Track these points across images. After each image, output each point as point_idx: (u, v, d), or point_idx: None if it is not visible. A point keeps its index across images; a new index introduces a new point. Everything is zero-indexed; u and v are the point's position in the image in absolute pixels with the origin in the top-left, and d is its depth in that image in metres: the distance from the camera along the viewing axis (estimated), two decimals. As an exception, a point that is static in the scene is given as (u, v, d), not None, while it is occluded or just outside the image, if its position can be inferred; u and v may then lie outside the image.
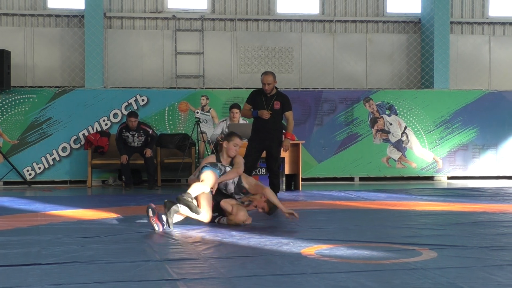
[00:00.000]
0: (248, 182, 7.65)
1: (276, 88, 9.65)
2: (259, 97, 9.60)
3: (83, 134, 13.00)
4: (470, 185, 12.73)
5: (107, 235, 6.77)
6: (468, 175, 14.06)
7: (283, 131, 9.90)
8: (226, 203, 7.50)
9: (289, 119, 9.72)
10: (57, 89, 13.20)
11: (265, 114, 9.43)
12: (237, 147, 7.85)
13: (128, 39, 14.35)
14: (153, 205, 7.17)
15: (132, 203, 9.77)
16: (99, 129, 13.05)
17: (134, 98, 13.23)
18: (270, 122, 9.50)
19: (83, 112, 13.07)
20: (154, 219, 7.04)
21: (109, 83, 14.08)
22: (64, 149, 13.02)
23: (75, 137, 13.03)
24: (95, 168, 12.90)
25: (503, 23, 15.59)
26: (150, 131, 12.27)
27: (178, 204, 7.16)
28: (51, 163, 13.00)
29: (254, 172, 9.87)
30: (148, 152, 12.15)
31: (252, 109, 9.67)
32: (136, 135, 12.22)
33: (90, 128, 13.06)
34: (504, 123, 14.16)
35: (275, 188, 9.25)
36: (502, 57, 15.48)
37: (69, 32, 14.10)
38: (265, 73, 9.54)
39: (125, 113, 13.01)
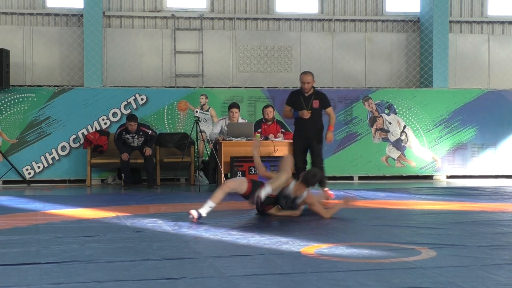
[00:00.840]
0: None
1: (313, 87, 10.01)
2: (298, 97, 9.98)
3: (82, 133, 13.00)
4: (469, 184, 12.74)
5: (106, 234, 6.77)
6: (467, 174, 14.07)
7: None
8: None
9: (330, 114, 10.07)
10: (56, 88, 13.19)
11: (306, 114, 9.82)
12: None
13: (127, 38, 14.34)
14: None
15: (131, 202, 9.76)
16: (98, 128, 13.05)
17: (133, 97, 13.23)
18: (310, 120, 9.88)
19: (82, 111, 13.06)
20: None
21: (108, 82, 14.08)
22: (63, 148, 13.01)
23: (74, 136, 13.03)
24: (95, 167, 12.90)
25: (502, 22, 15.59)
26: (150, 132, 12.27)
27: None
28: (51, 162, 12.99)
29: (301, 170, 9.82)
30: (148, 151, 12.15)
31: (292, 110, 10.07)
32: (136, 136, 12.24)
33: (89, 127, 13.06)
34: (503, 122, 14.17)
35: (323, 183, 9.53)
36: (501, 56, 15.49)
37: (68, 31, 14.09)
38: (304, 73, 9.95)
39: (125, 112, 13.02)
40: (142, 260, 5.44)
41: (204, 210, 7.63)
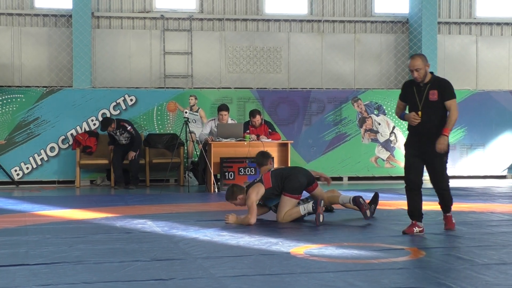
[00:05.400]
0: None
1: (431, 73, 7.15)
2: (411, 88, 7.16)
3: (71, 134, 12.95)
4: (458, 184, 12.76)
5: (95, 235, 6.76)
6: (456, 174, 14.10)
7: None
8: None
9: (450, 109, 7.03)
10: (44, 89, 13.14)
11: (412, 119, 6.97)
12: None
13: (116, 39, 14.31)
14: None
15: (120, 203, 9.75)
16: (87, 129, 13.01)
17: (122, 98, 13.20)
18: (426, 120, 6.97)
19: (71, 112, 13.02)
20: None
21: (97, 83, 14.04)
22: (52, 149, 12.96)
23: (63, 137, 12.97)
24: (83, 168, 12.86)
25: (490, 24, 15.65)
26: (129, 128, 12.33)
27: None
28: (39, 163, 12.94)
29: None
30: (130, 155, 12.22)
31: (405, 107, 7.27)
32: (118, 133, 12.34)
33: (78, 128, 13.02)
34: (492, 123, 14.23)
35: (447, 208, 7.23)
36: (489, 57, 15.55)
37: (56, 31, 14.04)
38: (412, 57, 7.13)
39: (114, 113, 13.00)
40: (131, 261, 5.43)
41: None
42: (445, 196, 7.20)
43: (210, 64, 14.58)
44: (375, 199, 8.15)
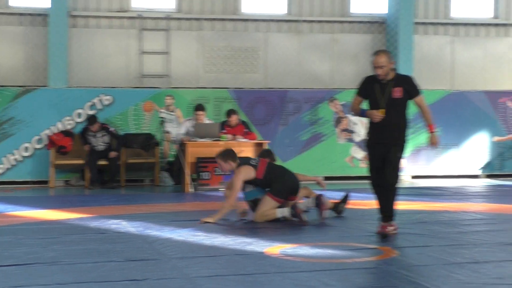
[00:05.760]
0: None
1: (394, 70, 6.98)
2: (372, 84, 6.91)
3: (46, 134, 12.85)
4: (433, 184, 12.87)
5: (69, 236, 6.72)
6: (431, 174, 14.21)
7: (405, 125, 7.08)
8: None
9: (421, 106, 7.02)
10: (20, 88, 13.03)
11: (375, 116, 6.82)
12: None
13: (93, 38, 14.22)
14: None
15: (95, 204, 9.70)
16: (62, 129, 12.92)
17: (98, 98, 13.12)
18: (389, 117, 6.81)
19: (46, 111, 12.92)
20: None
21: (73, 83, 13.94)
22: (26, 149, 12.85)
23: (38, 137, 12.87)
24: (58, 168, 12.77)
25: (466, 24, 15.77)
26: (111, 129, 12.44)
27: None
28: (13, 163, 12.82)
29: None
30: (112, 154, 12.26)
31: (363, 103, 7.12)
32: (99, 134, 12.30)
33: (53, 128, 12.92)
34: (467, 123, 14.34)
35: (389, 212, 6.82)
36: (465, 58, 15.67)
37: (33, 31, 13.92)
38: (376, 53, 6.90)
39: (90, 112, 12.92)
40: (105, 261, 5.41)
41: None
42: (390, 197, 6.80)
43: (188, 64, 14.55)
44: (344, 199, 8.19)
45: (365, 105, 7.10)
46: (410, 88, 6.90)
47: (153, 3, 14.65)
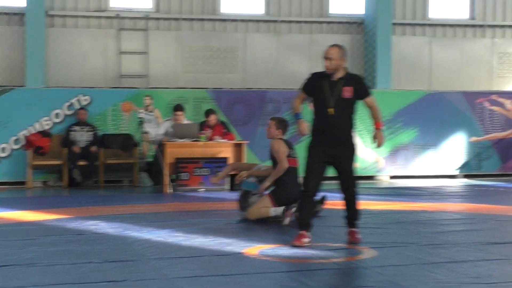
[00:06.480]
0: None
1: (345, 69, 6.45)
2: (321, 81, 6.43)
3: (24, 135, 12.75)
4: (411, 184, 12.94)
5: (47, 237, 6.67)
6: (409, 174, 14.27)
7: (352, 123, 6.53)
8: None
9: (373, 106, 6.55)
10: (-4, 88, 12.93)
11: (302, 131, 6.61)
12: None
13: (71, 38, 14.14)
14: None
15: (73, 205, 9.63)
16: (40, 129, 12.82)
17: (76, 98, 13.03)
18: (338, 119, 6.36)
19: (23, 112, 12.80)
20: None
21: (51, 83, 13.85)
22: (3, 149, 12.73)
23: (15, 137, 12.76)
24: (36, 169, 12.67)
25: (443, 25, 15.89)
26: (95, 127, 12.63)
27: None
28: (-9, 164, 12.72)
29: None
30: (92, 149, 12.35)
31: (307, 101, 6.84)
32: (85, 129, 12.39)
33: (31, 128, 12.82)
34: (444, 123, 14.43)
35: (354, 216, 6.51)
36: (443, 58, 15.79)
37: (9, 30, 13.81)
38: (330, 46, 6.49)
39: (68, 113, 12.84)
40: (83, 263, 5.38)
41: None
42: (354, 204, 6.48)
43: (166, 64, 14.51)
44: (322, 200, 8.21)
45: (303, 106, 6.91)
46: (360, 88, 6.43)
47: (131, 3, 14.60)
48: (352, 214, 6.47)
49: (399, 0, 15.58)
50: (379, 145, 6.50)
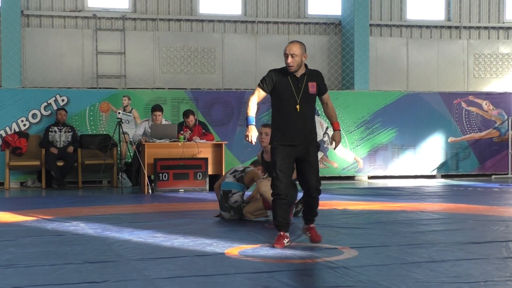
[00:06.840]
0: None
1: (306, 66, 6.35)
2: (284, 78, 6.28)
3: (0, 135, 12.64)
4: (390, 184, 13.02)
5: (26, 238, 6.61)
6: (388, 174, 14.36)
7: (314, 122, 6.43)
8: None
9: (329, 104, 6.43)
10: (-28, 88, 12.80)
11: (251, 137, 6.23)
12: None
13: (47, 38, 14.04)
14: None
15: (52, 205, 9.57)
16: (17, 129, 12.72)
17: (53, 98, 12.95)
18: (303, 116, 6.20)
19: (0, 112, 12.70)
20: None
21: (27, 83, 13.74)
22: (-20, 150, 12.63)
23: (-9, 138, 12.66)
24: (13, 170, 12.57)
25: (420, 26, 16.01)
26: (74, 129, 12.64)
27: None
28: (-34, 165, 12.59)
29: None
30: (70, 148, 12.35)
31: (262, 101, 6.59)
32: (63, 130, 12.38)
33: (7, 128, 12.71)
34: (422, 123, 14.53)
35: (313, 218, 6.44)
36: (419, 59, 15.90)
37: (-15, 30, 13.68)
38: (291, 42, 6.42)
39: (45, 113, 12.77)
40: (63, 264, 5.34)
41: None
42: (315, 201, 6.37)
43: (144, 64, 14.46)
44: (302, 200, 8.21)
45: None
46: (321, 84, 6.32)
47: (108, 3, 14.52)
48: (314, 212, 6.41)
49: (376, 1, 15.67)
50: (336, 147, 6.46)
